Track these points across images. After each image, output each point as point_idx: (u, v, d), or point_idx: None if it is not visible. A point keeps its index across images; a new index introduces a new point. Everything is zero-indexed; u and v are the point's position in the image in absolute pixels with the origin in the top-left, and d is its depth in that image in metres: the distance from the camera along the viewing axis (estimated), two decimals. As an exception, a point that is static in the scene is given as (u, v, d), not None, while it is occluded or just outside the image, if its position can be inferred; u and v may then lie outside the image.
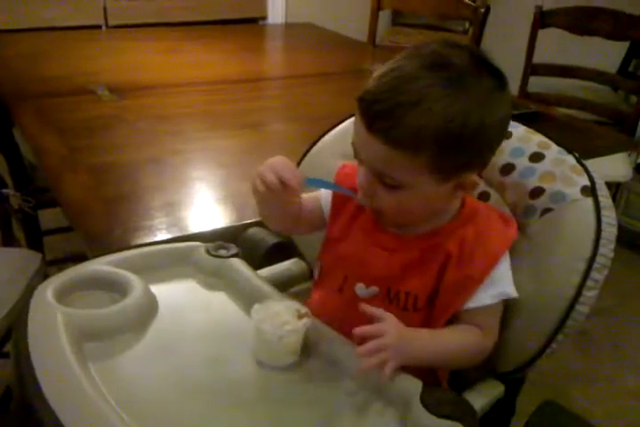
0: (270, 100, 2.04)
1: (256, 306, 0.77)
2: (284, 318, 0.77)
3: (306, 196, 0.94)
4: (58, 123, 1.56)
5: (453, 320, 0.84)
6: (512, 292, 0.83)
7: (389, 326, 0.75)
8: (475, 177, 0.80)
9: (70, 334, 0.72)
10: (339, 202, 0.92)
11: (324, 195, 0.95)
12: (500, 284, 0.82)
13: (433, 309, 0.84)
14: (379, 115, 0.73)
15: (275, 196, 0.82)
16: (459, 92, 0.72)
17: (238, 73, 2.13)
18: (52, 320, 0.74)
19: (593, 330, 1.93)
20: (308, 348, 0.77)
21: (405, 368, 0.75)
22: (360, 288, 0.87)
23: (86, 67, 2.01)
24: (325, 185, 0.89)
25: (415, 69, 0.73)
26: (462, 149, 0.74)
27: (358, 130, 0.77)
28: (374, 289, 0.86)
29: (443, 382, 0.89)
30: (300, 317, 0.77)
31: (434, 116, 0.71)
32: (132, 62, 2.09)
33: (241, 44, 2.47)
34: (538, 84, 2.69)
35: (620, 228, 0.85)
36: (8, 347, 1.22)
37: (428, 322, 0.84)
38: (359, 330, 0.74)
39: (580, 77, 2.64)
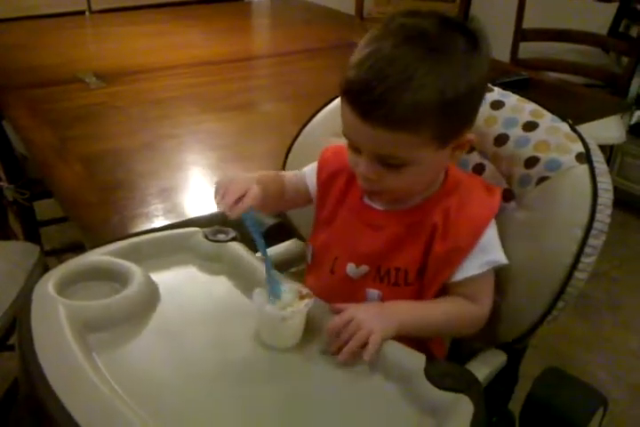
0: (260, 79, 2.03)
1: (258, 289, 0.78)
2: (286, 299, 0.77)
3: (290, 173, 0.95)
4: (47, 113, 1.55)
5: (444, 293, 0.85)
6: (501, 259, 0.83)
7: (354, 307, 0.76)
8: (469, 135, 0.80)
9: (74, 326, 0.72)
10: (325, 184, 0.92)
11: (309, 174, 0.95)
12: (488, 253, 0.82)
13: (423, 282, 0.84)
14: (371, 103, 0.72)
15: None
16: (441, 62, 0.72)
17: (226, 53, 2.11)
18: (55, 313, 0.74)
19: (591, 293, 1.94)
20: (311, 328, 0.78)
21: (402, 341, 0.76)
22: (351, 268, 0.87)
23: (72, 54, 1.98)
24: (253, 229, 0.81)
25: (392, 49, 0.72)
26: (458, 114, 0.75)
27: (350, 120, 0.75)
28: (364, 268, 0.86)
29: (438, 355, 0.89)
30: (302, 297, 0.78)
31: (427, 90, 0.71)
32: (118, 47, 2.07)
33: (228, 24, 2.44)
34: (528, 49, 2.66)
35: (615, 190, 0.85)
36: (12, 339, 1.23)
37: (419, 296, 0.84)
38: (331, 325, 0.74)
39: (571, 41, 2.62)
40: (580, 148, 0.87)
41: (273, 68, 2.09)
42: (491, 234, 0.83)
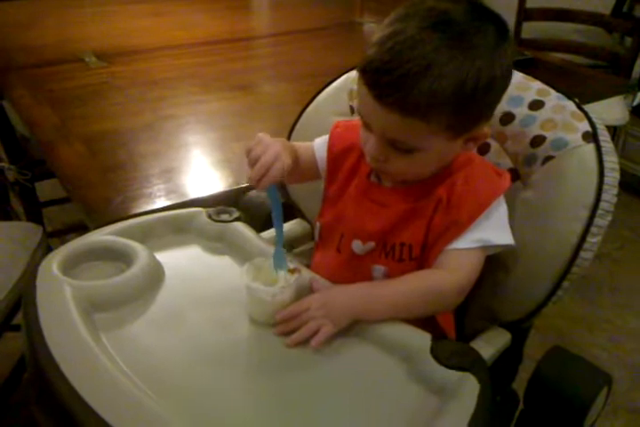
0: (261, 59, 2.01)
1: (246, 265, 0.77)
2: (274, 274, 0.77)
3: (302, 145, 0.94)
4: (48, 93, 1.54)
5: None
6: (497, 240, 0.81)
7: (312, 297, 0.76)
8: (485, 128, 0.79)
9: (79, 305, 0.72)
10: (335, 162, 0.91)
11: (319, 148, 0.94)
12: (484, 231, 0.80)
13: (424, 256, 0.84)
14: (388, 85, 0.70)
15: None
16: (465, 51, 0.70)
17: (226, 33, 2.09)
18: (61, 292, 0.74)
19: (593, 274, 1.94)
20: None
21: (410, 322, 0.75)
22: (357, 245, 0.87)
23: (72, 34, 1.97)
24: (275, 204, 0.81)
25: (416, 32, 0.70)
26: (475, 106, 0.74)
27: (366, 101, 0.74)
28: (370, 244, 0.86)
29: (450, 334, 0.89)
30: (291, 272, 0.77)
31: (445, 80, 0.69)
32: (118, 27, 2.05)
33: (228, 3, 2.42)
34: (531, 29, 2.63)
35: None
36: (16, 319, 1.23)
37: (421, 269, 0.83)
38: (279, 316, 0.74)
39: (574, 20, 2.59)
40: (586, 126, 0.86)
41: (274, 48, 2.08)
42: (495, 214, 0.81)
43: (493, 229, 0.81)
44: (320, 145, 0.94)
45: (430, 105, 0.70)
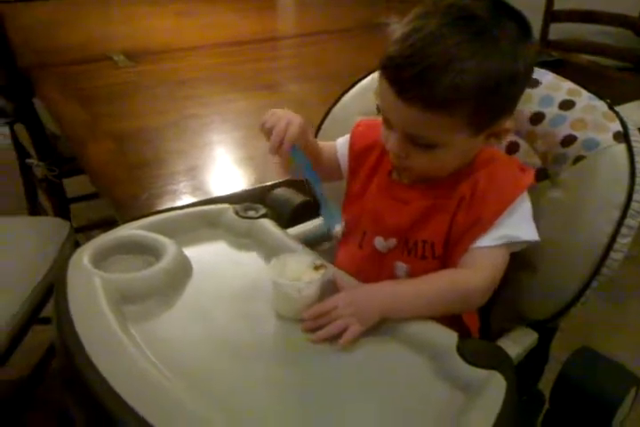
0: (287, 59, 2.03)
1: (272, 261, 0.78)
2: (300, 270, 0.77)
3: (324, 144, 0.95)
4: (78, 91, 1.57)
5: None
6: (522, 235, 0.80)
7: (339, 296, 0.75)
8: (507, 123, 0.79)
9: (109, 297, 0.73)
10: (356, 159, 0.92)
11: (341, 147, 0.95)
12: (508, 228, 0.79)
13: (448, 255, 0.83)
14: (409, 81, 0.71)
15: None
16: (487, 46, 0.70)
17: (252, 33, 2.11)
18: (91, 284, 0.75)
19: (620, 277, 1.91)
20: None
21: (436, 320, 0.75)
22: (379, 242, 0.87)
23: (101, 33, 2.00)
24: (305, 166, 0.86)
25: (438, 28, 0.70)
26: (496, 102, 0.74)
27: (387, 96, 0.75)
28: (392, 241, 0.86)
29: (474, 333, 0.88)
30: (317, 268, 0.77)
31: (467, 75, 0.69)
32: (146, 27, 2.08)
33: (256, 3, 2.43)
34: (559, 30, 2.62)
35: None
36: (44, 312, 1.25)
37: (446, 268, 0.83)
38: (307, 313, 0.74)
39: (601, 22, 2.57)
40: (617, 127, 0.85)
41: (300, 49, 2.09)
42: (519, 210, 0.81)
43: (518, 225, 0.81)
44: (342, 144, 0.95)
45: (452, 99, 0.70)
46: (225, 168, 1.30)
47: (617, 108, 0.90)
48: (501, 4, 0.74)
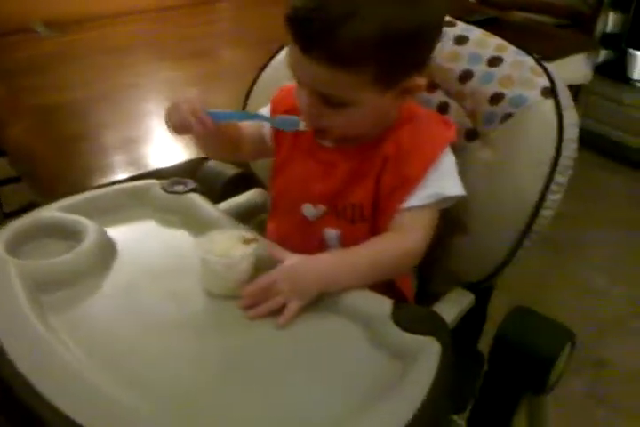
0: (218, 24, 1.96)
1: (199, 238, 0.75)
2: (229, 246, 0.74)
3: (244, 124, 0.91)
4: (-3, 65, 1.48)
5: None
6: (449, 192, 0.79)
7: (276, 271, 0.73)
8: (419, 79, 0.77)
9: (26, 286, 0.69)
10: (278, 130, 0.88)
11: (265, 123, 0.91)
12: (434, 185, 0.79)
13: (377, 216, 0.82)
14: (313, 35, 0.69)
15: (187, 131, 0.80)
16: None
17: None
18: (6, 274, 0.71)
19: (556, 234, 1.94)
20: (265, 271, 0.75)
21: (367, 287, 0.74)
22: (307, 209, 0.85)
23: (21, 2, 1.87)
24: (235, 116, 0.86)
25: None
26: (403, 55, 0.72)
27: (293, 52, 0.73)
28: (321, 208, 0.84)
29: (409, 297, 0.88)
30: (247, 242, 0.75)
31: (370, 25, 0.67)
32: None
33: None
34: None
35: (582, 130, 0.83)
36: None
37: (375, 231, 0.82)
38: (245, 291, 0.72)
39: (538, -22, 2.57)
40: (545, 82, 0.84)
41: (231, 13, 2.02)
42: (444, 166, 0.80)
43: (444, 181, 0.80)
44: (264, 113, 0.92)
45: (356, 52, 0.69)
46: (158, 142, 1.26)
47: (552, 65, 0.89)
48: None
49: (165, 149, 1.22)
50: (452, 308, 0.84)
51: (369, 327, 0.70)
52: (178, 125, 0.80)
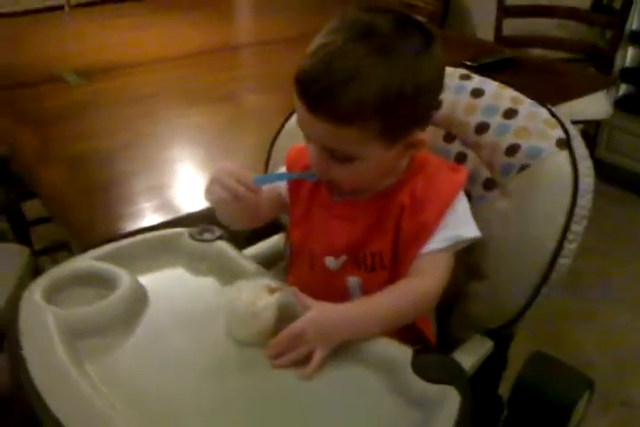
0: (241, 69, 2.01)
1: (224, 288, 0.78)
2: (255, 294, 0.77)
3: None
4: (28, 113, 1.54)
5: None
6: (466, 233, 0.82)
7: (303, 320, 0.75)
8: (421, 135, 0.81)
9: (63, 335, 0.72)
10: (295, 186, 0.92)
11: (281, 182, 0.94)
12: (452, 228, 0.82)
13: (397, 262, 0.85)
14: (317, 95, 0.73)
15: (235, 199, 0.80)
16: (389, 59, 0.72)
17: (206, 44, 2.08)
18: (44, 322, 0.74)
19: (580, 269, 1.93)
20: (288, 321, 0.77)
21: (390, 332, 0.76)
22: (330, 261, 0.88)
23: (52, 52, 1.95)
24: (276, 177, 0.91)
25: (343, 43, 0.72)
26: (404, 112, 0.75)
27: (300, 111, 0.77)
28: (343, 258, 0.87)
29: (431, 339, 0.90)
30: (272, 291, 0.78)
31: (370, 87, 0.72)
32: (97, 43, 2.03)
33: (208, 13, 2.39)
34: (512, 26, 2.65)
35: (605, 164, 0.85)
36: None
37: (395, 277, 0.84)
38: (274, 341, 0.74)
39: (554, 16, 2.61)
40: (559, 133, 0.87)
41: (256, 58, 2.08)
42: (458, 209, 0.83)
43: (460, 224, 0.83)
44: (282, 171, 0.95)
45: (358, 112, 0.72)
46: (184, 188, 1.29)
47: (572, 102, 0.91)
48: (405, 17, 0.77)
49: (189, 195, 1.25)
50: (471, 355, 0.85)
51: (389, 375, 0.72)
52: (221, 198, 0.80)
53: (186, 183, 1.31)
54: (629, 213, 2.37)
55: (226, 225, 0.93)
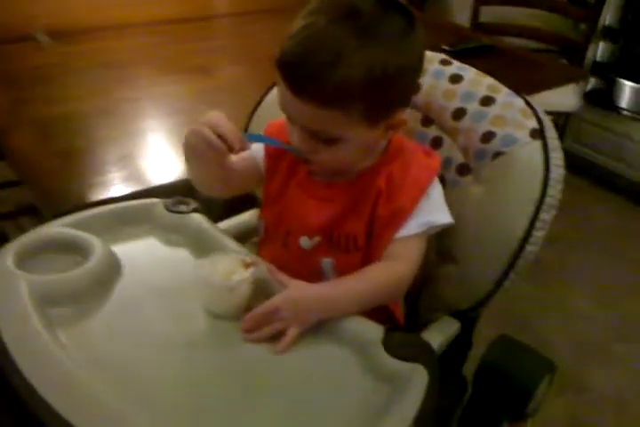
0: (218, 40, 1.98)
1: (199, 261, 0.78)
2: (230, 269, 0.77)
3: (236, 157, 0.91)
4: (-3, 74, 1.49)
5: None
6: (439, 219, 0.85)
7: (279, 298, 0.76)
8: (402, 115, 0.82)
9: (35, 300, 0.72)
10: (273, 161, 0.92)
11: (259, 154, 0.94)
12: (427, 214, 0.84)
13: (370, 245, 0.86)
14: (302, 78, 0.73)
15: (211, 155, 0.79)
16: (372, 40, 0.72)
17: (185, 11, 2.04)
18: (16, 287, 0.73)
19: (543, 257, 1.98)
20: (264, 294, 0.78)
21: (361, 312, 0.78)
22: (304, 241, 0.89)
23: (23, 9, 1.89)
24: (268, 141, 0.89)
25: (325, 25, 0.72)
26: (387, 94, 0.76)
27: (284, 94, 0.76)
28: (317, 239, 0.88)
29: (400, 320, 0.92)
30: (247, 266, 0.78)
31: (356, 69, 0.71)
32: (70, 3, 1.97)
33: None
34: (489, 13, 2.66)
35: (572, 155, 0.87)
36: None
37: (368, 259, 0.86)
38: (248, 316, 0.75)
39: (530, 6, 2.63)
40: (534, 123, 0.89)
41: (233, 28, 2.05)
42: (433, 196, 0.85)
43: (434, 210, 0.85)
44: (258, 146, 0.94)
45: (343, 94, 0.73)
46: (158, 157, 1.28)
47: (544, 94, 0.92)
48: None
49: (163, 165, 1.24)
50: (438, 335, 0.88)
51: (361, 352, 0.73)
52: (196, 147, 0.80)
53: (158, 154, 1.29)
54: (593, 204, 2.44)
55: (197, 188, 0.92)
